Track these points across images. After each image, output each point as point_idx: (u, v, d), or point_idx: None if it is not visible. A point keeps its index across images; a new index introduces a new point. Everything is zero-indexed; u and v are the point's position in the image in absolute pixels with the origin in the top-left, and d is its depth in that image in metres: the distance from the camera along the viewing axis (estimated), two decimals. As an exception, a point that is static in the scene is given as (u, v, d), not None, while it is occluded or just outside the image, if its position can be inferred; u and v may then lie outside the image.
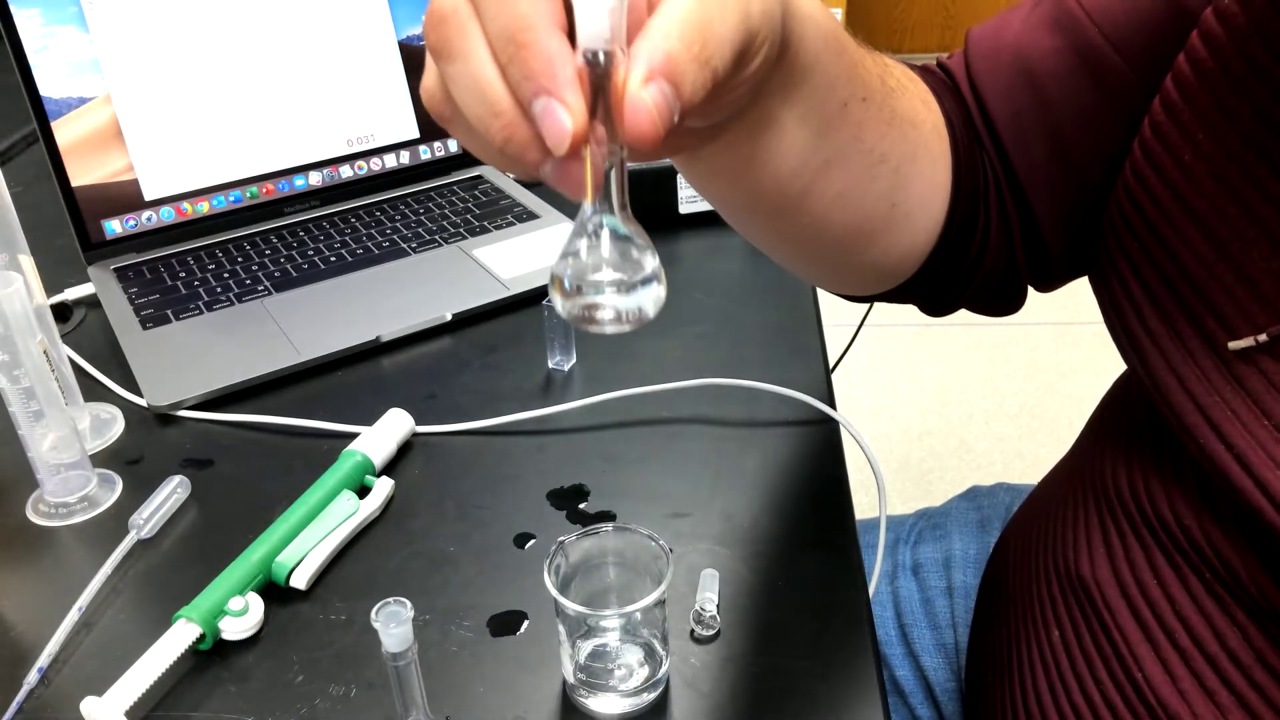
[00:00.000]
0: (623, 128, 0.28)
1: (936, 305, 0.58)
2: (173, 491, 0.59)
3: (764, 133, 0.42)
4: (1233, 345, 0.41)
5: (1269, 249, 0.41)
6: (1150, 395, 0.46)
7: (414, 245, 0.84)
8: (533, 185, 0.96)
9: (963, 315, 0.68)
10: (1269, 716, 0.43)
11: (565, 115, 0.27)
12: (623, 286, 0.31)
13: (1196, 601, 0.45)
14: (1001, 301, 0.58)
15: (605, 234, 0.30)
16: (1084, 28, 0.50)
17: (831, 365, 0.71)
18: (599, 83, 0.28)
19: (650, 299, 0.31)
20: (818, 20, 0.41)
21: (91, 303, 0.80)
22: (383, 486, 0.60)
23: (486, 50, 0.28)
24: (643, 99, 0.28)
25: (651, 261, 0.31)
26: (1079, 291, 0.67)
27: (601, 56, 0.27)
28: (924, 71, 0.55)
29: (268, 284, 0.80)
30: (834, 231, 0.49)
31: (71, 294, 0.81)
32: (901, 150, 0.49)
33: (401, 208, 0.90)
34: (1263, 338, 0.40)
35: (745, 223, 0.51)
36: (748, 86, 0.36)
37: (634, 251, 0.31)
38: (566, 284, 0.31)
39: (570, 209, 0.90)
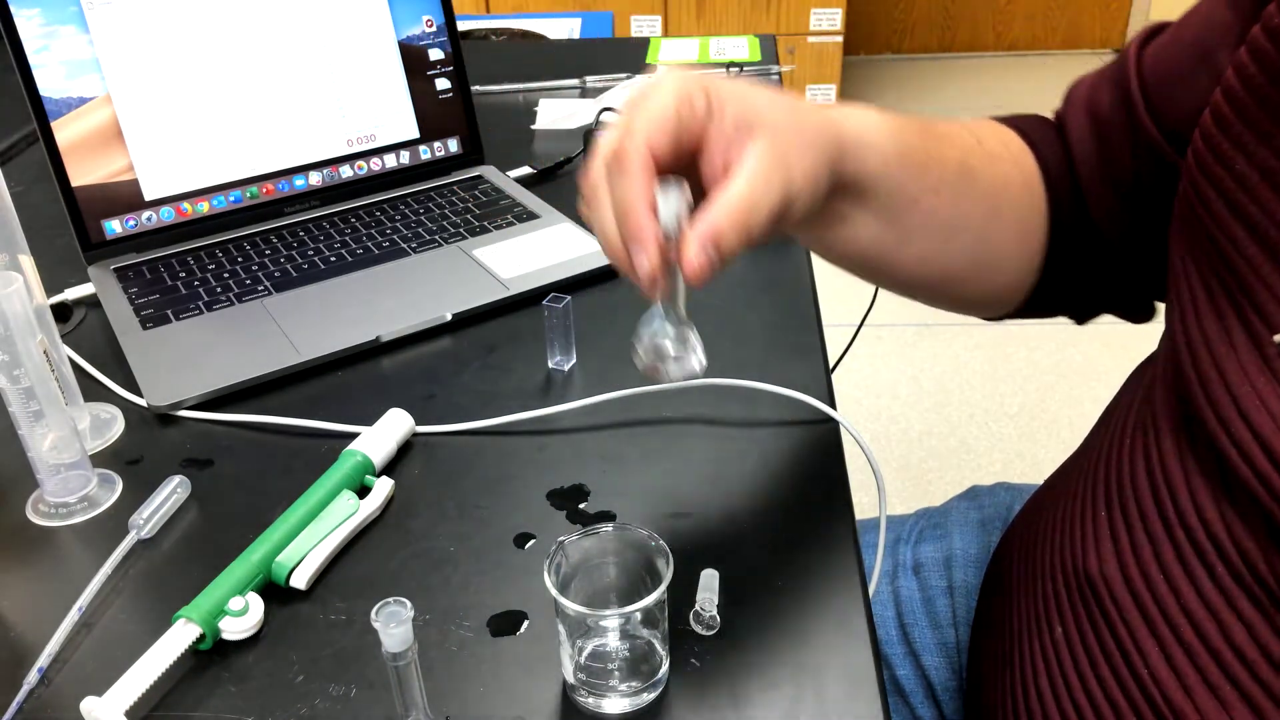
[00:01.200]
0: (682, 270, 0.45)
1: (1079, 316, 0.66)
2: (173, 491, 0.59)
3: (835, 225, 0.53)
4: (1278, 339, 0.43)
5: None
6: (1189, 387, 0.48)
7: (414, 245, 0.84)
8: (532, 185, 0.96)
9: (963, 315, 0.68)
10: (1273, 712, 0.43)
11: (646, 261, 0.45)
12: (676, 358, 0.48)
13: (1203, 596, 0.46)
14: (1133, 312, 0.65)
15: (669, 324, 0.48)
16: (1129, 81, 0.58)
17: (831, 365, 0.71)
18: (670, 240, 0.45)
19: (695, 364, 0.49)
20: (879, 146, 0.52)
21: (91, 303, 0.80)
22: (383, 486, 0.60)
23: (610, 210, 0.46)
24: (692, 259, 0.44)
25: (695, 341, 0.48)
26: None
27: (670, 230, 0.45)
28: (1037, 120, 0.64)
29: (268, 284, 0.80)
30: (922, 282, 0.59)
31: (71, 294, 0.81)
32: (980, 216, 0.58)
33: (401, 208, 0.90)
34: None
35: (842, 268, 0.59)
36: (793, 222, 0.48)
37: (686, 334, 0.48)
38: (640, 352, 0.49)
39: (570, 211, 0.90)
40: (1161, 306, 0.60)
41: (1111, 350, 2.09)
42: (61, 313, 0.80)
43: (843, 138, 0.50)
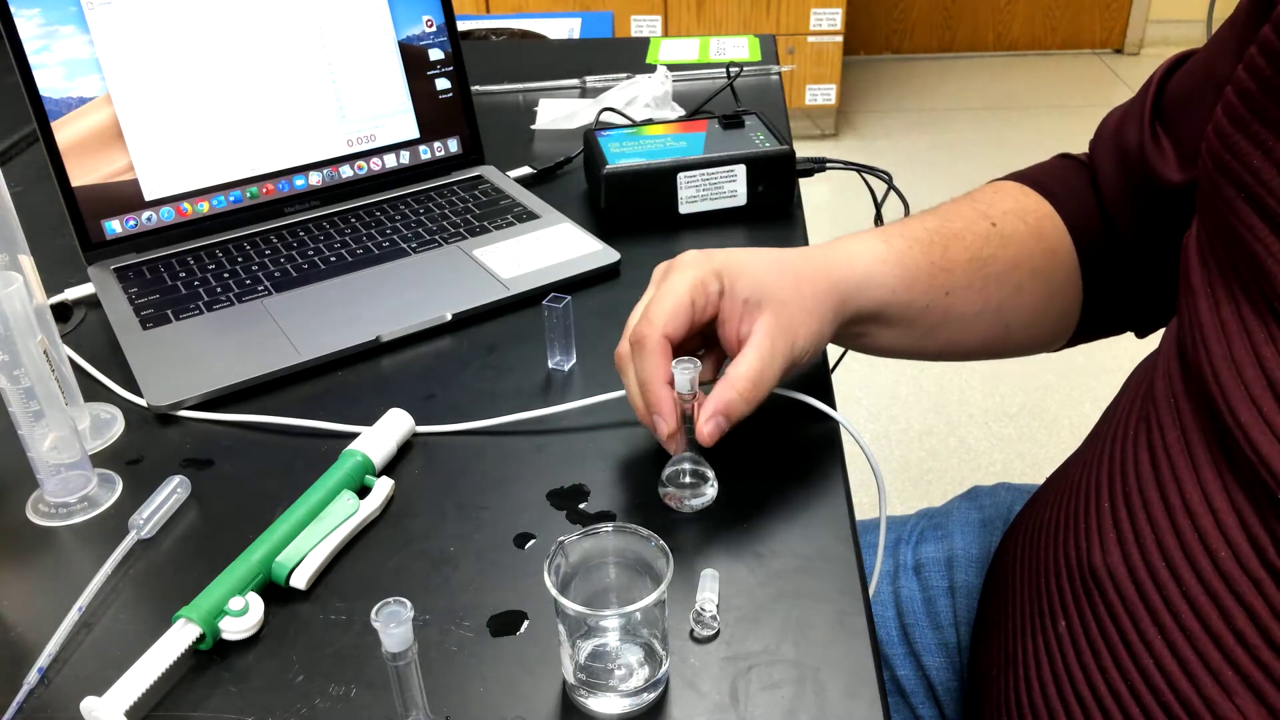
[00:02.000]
0: (697, 434, 0.55)
1: (1140, 330, 0.71)
2: (173, 491, 0.59)
3: (855, 340, 0.63)
4: None
5: None
6: (1202, 374, 0.48)
7: (414, 245, 0.84)
8: (532, 185, 0.96)
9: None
10: (1275, 695, 0.43)
11: (663, 425, 0.55)
12: (695, 492, 0.58)
13: (1204, 581, 0.46)
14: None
15: (687, 467, 0.58)
16: (1146, 107, 0.61)
17: (831, 365, 0.71)
18: (685, 401, 0.56)
19: (710, 495, 0.59)
20: (884, 280, 0.60)
21: (91, 303, 0.80)
22: (383, 486, 0.60)
23: (635, 381, 0.56)
24: (704, 428, 0.55)
25: (710, 477, 0.59)
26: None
27: (686, 394, 0.55)
28: (1060, 165, 0.68)
29: (268, 284, 0.80)
30: (959, 355, 0.66)
31: (71, 294, 0.81)
32: (999, 298, 0.63)
33: (401, 208, 0.90)
34: None
35: None
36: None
37: (703, 471, 0.58)
38: (667, 488, 0.59)
39: (570, 211, 0.90)
40: None
41: (1112, 350, 2.09)
42: (61, 313, 0.80)
43: (845, 288, 0.59)
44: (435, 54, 0.94)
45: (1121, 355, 2.10)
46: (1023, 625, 0.57)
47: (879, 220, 0.89)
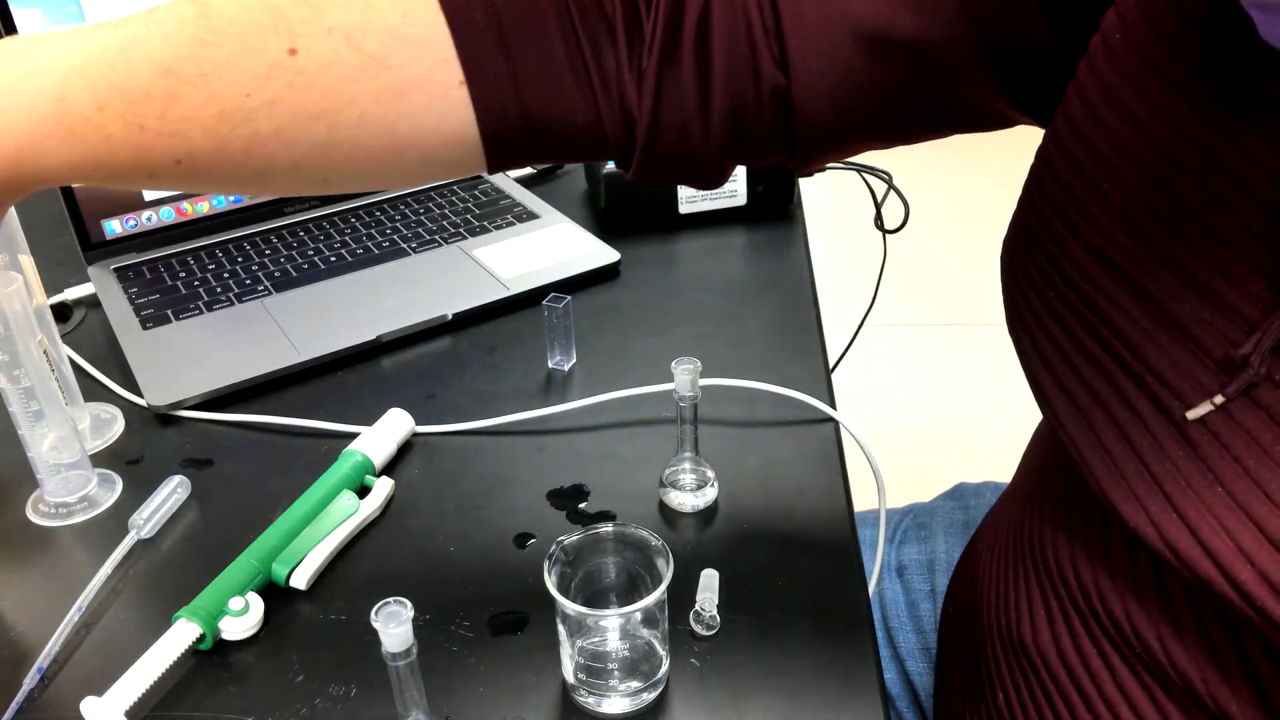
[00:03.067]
0: None
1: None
2: (173, 491, 0.59)
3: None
4: (1191, 415, 0.37)
5: (1196, 298, 0.37)
6: (1080, 463, 0.42)
7: (414, 245, 0.84)
8: (532, 185, 0.96)
9: (962, 315, 0.68)
10: None
11: None
12: (695, 493, 0.58)
13: (1137, 675, 0.43)
14: (707, 175, 0.49)
15: (688, 467, 0.58)
16: None
17: (831, 365, 0.71)
18: (686, 407, 0.57)
19: (710, 496, 0.58)
20: (55, 159, 0.41)
21: (91, 303, 0.80)
22: (383, 486, 0.60)
23: None
24: None
25: (710, 477, 0.59)
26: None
27: (684, 399, 0.57)
28: None
29: (268, 284, 0.80)
30: (358, 166, 0.44)
31: (71, 294, 0.81)
32: (294, 154, 0.42)
33: (401, 208, 0.90)
34: (1219, 400, 0.36)
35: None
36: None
37: (703, 471, 0.58)
38: (668, 489, 0.58)
39: (570, 211, 0.90)
40: None
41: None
42: (61, 313, 0.80)
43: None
44: (435, 54, 0.94)
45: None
46: (968, 687, 0.55)
47: (879, 220, 0.89)
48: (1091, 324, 0.40)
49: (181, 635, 0.49)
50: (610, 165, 0.86)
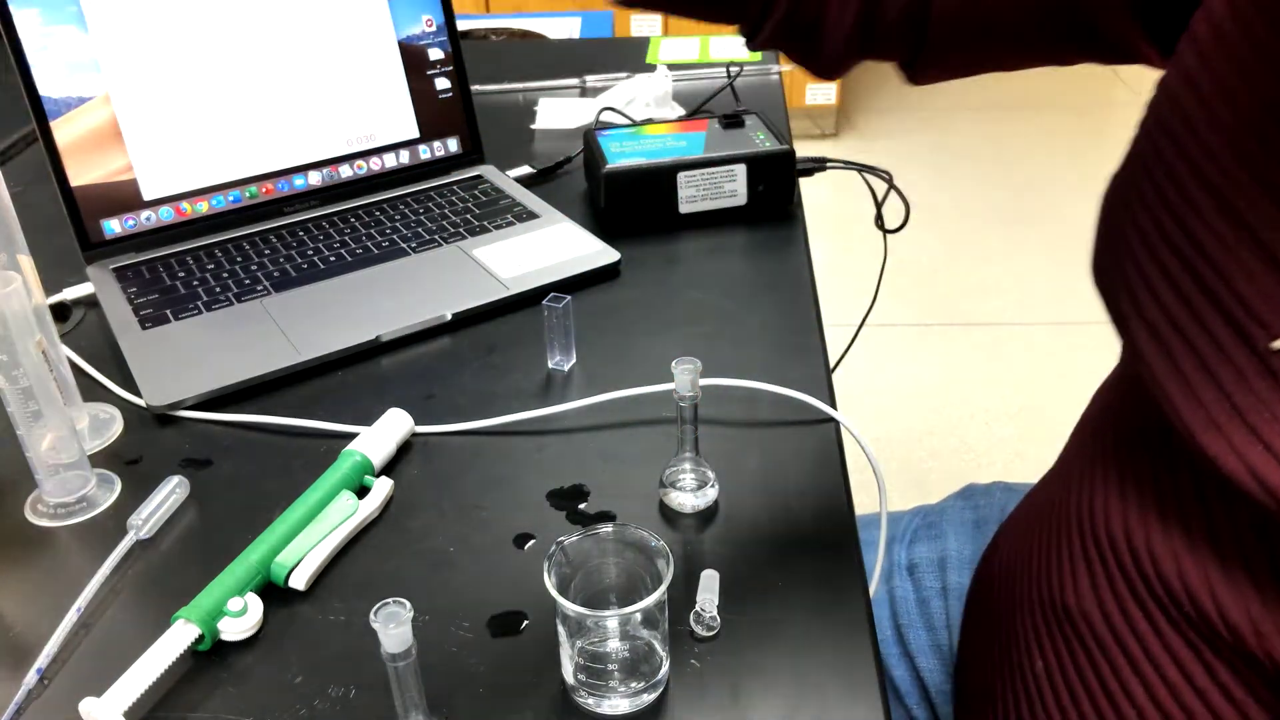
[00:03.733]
0: None
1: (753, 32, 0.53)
2: (171, 492, 0.59)
3: None
4: (1276, 345, 0.38)
5: None
6: (1159, 397, 0.42)
7: (414, 245, 0.84)
8: (532, 185, 0.96)
9: (962, 314, 0.68)
10: None
11: None
12: (696, 493, 0.58)
13: (1183, 634, 0.44)
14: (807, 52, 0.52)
15: (688, 467, 0.58)
16: None
17: (832, 365, 0.71)
18: (686, 407, 0.56)
19: (710, 496, 0.58)
20: None
21: (90, 302, 0.80)
22: (382, 486, 0.60)
23: None
24: None
25: (711, 478, 0.59)
26: (1077, 290, 0.67)
27: (684, 399, 0.57)
28: None
29: (267, 284, 0.79)
30: None
31: (70, 294, 0.81)
32: None
33: (401, 208, 0.90)
34: None
35: None
36: None
37: (703, 471, 0.58)
38: (669, 490, 0.58)
39: (570, 211, 0.90)
40: None
41: (1114, 352, 2.09)
42: (60, 312, 0.79)
43: None
44: (435, 53, 0.94)
45: (1122, 355, 2.10)
46: (1000, 661, 0.55)
47: (880, 220, 0.89)
48: (1184, 251, 0.40)
49: (180, 636, 0.49)
50: (611, 164, 0.86)
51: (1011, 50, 0.49)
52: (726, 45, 1.31)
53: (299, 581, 0.54)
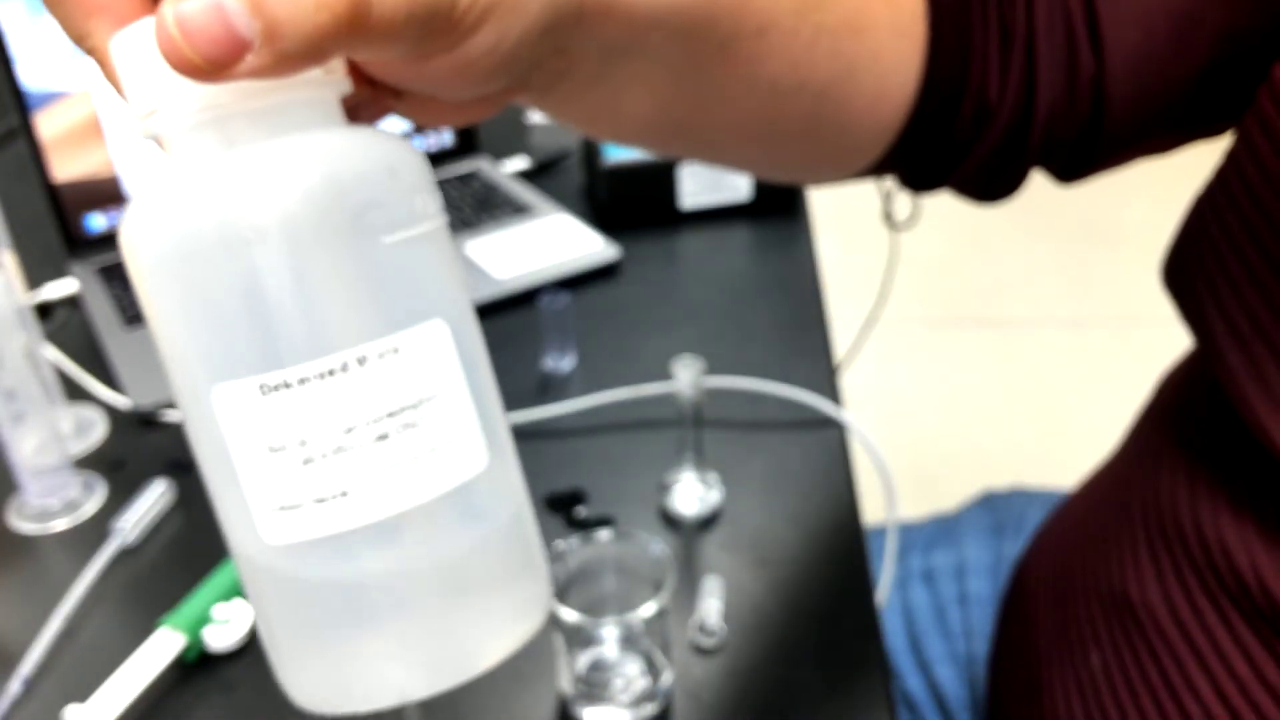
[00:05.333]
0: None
1: (919, 181, 0.50)
2: (157, 497, 0.58)
3: (596, 88, 0.35)
4: None
5: None
6: (1237, 396, 0.43)
7: (408, 241, 0.83)
8: (530, 179, 0.95)
9: (972, 313, 0.66)
10: None
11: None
12: (699, 498, 0.57)
13: (1255, 628, 0.43)
14: (999, 184, 0.49)
15: (690, 473, 0.57)
16: None
17: (839, 364, 0.70)
18: (688, 405, 0.55)
19: (714, 501, 0.57)
20: None
21: (73, 301, 0.79)
22: (375, 490, 0.58)
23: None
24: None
25: (714, 483, 0.57)
26: (1093, 290, 0.65)
27: (684, 399, 0.55)
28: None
29: (258, 281, 0.78)
30: (742, 158, 0.45)
31: (52, 292, 0.79)
32: (829, 71, 0.41)
33: (395, 203, 0.89)
34: None
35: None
36: (495, 61, 0.29)
37: (706, 476, 0.58)
38: (674, 495, 0.57)
39: (568, 206, 0.88)
40: None
41: (1132, 351, 2.08)
42: (42, 311, 0.78)
43: None
44: (430, 46, 0.92)
45: (1143, 357, 2.08)
46: (1049, 654, 0.54)
47: (887, 216, 0.88)
48: (1271, 250, 0.41)
49: (165, 644, 0.48)
50: (610, 158, 0.84)
51: (1180, 138, 0.47)
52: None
53: (288, 588, 0.52)
